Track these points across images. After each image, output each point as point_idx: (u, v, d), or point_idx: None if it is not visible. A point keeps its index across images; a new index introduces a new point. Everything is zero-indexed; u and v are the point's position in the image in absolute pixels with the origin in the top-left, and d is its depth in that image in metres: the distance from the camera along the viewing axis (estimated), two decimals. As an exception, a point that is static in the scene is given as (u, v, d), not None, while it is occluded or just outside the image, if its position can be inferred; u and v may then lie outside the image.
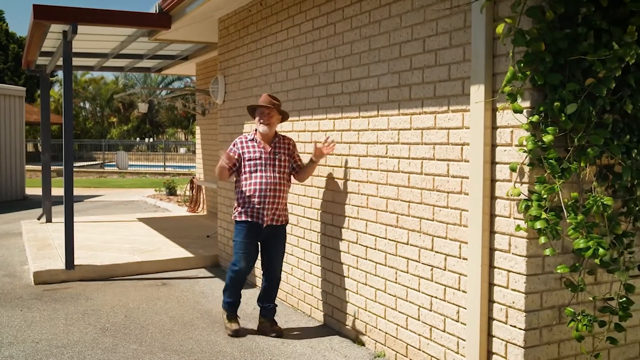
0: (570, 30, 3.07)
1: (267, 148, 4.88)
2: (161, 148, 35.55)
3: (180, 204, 13.86)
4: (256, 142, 4.91)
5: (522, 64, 3.10)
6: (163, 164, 31.00)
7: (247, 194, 4.82)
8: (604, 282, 3.50)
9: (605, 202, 3.11)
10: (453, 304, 3.78)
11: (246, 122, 6.69)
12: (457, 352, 3.74)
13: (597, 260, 3.07)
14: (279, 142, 4.95)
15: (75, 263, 6.80)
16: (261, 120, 4.86)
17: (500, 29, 3.13)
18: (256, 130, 4.96)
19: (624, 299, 3.31)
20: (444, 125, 3.80)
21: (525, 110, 3.19)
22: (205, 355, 4.50)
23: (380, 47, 4.36)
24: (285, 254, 5.24)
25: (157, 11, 7.36)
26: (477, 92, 3.43)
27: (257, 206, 4.78)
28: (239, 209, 4.88)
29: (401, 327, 4.26)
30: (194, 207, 12.21)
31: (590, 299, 3.42)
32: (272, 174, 4.82)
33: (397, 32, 4.18)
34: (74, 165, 10.83)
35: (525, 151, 3.19)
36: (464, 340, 3.66)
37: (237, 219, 4.89)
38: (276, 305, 5.06)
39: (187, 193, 13.20)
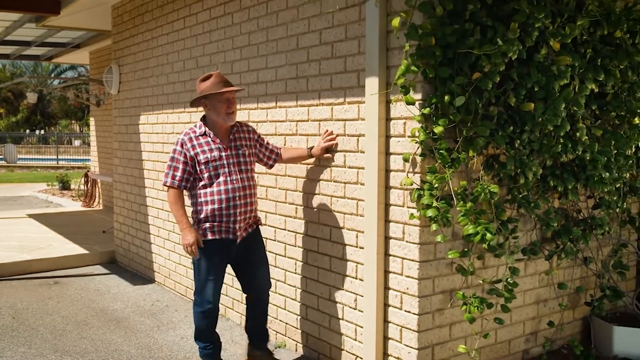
0: (459, 26, 3.19)
1: (224, 143, 3.85)
2: (53, 140, 33.86)
3: (74, 198, 13.29)
4: (210, 137, 3.83)
5: (414, 57, 3.20)
6: (56, 157, 29.54)
7: (212, 206, 3.76)
8: (491, 266, 3.69)
9: (491, 190, 3.27)
10: (351, 292, 3.85)
11: (142, 113, 6.49)
12: (355, 339, 3.83)
13: (485, 245, 3.24)
14: (238, 133, 3.94)
15: (-44, 263, 6.37)
16: (229, 110, 3.81)
17: (396, 22, 3.20)
18: (203, 120, 3.93)
19: (510, 281, 3.51)
20: (340, 117, 3.86)
21: (417, 102, 3.29)
22: (100, 355, 4.34)
23: (278, 38, 4.36)
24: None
25: (45, -4, 6.99)
26: (372, 85, 3.50)
27: (225, 219, 3.78)
28: (205, 225, 3.79)
29: (301, 317, 4.30)
30: (89, 202, 11.75)
31: (480, 282, 3.60)
32: (237, 176, 3.81)
33: (295, 23, 4.18)
34: (-45, 158, 10.10)
35: (417, 142, 3.29)
36: (362, 327, 3.74)
37: (203, 238, 3.82)
38: (268, 330, 4.22)
39: (82, 187, 12.67)
